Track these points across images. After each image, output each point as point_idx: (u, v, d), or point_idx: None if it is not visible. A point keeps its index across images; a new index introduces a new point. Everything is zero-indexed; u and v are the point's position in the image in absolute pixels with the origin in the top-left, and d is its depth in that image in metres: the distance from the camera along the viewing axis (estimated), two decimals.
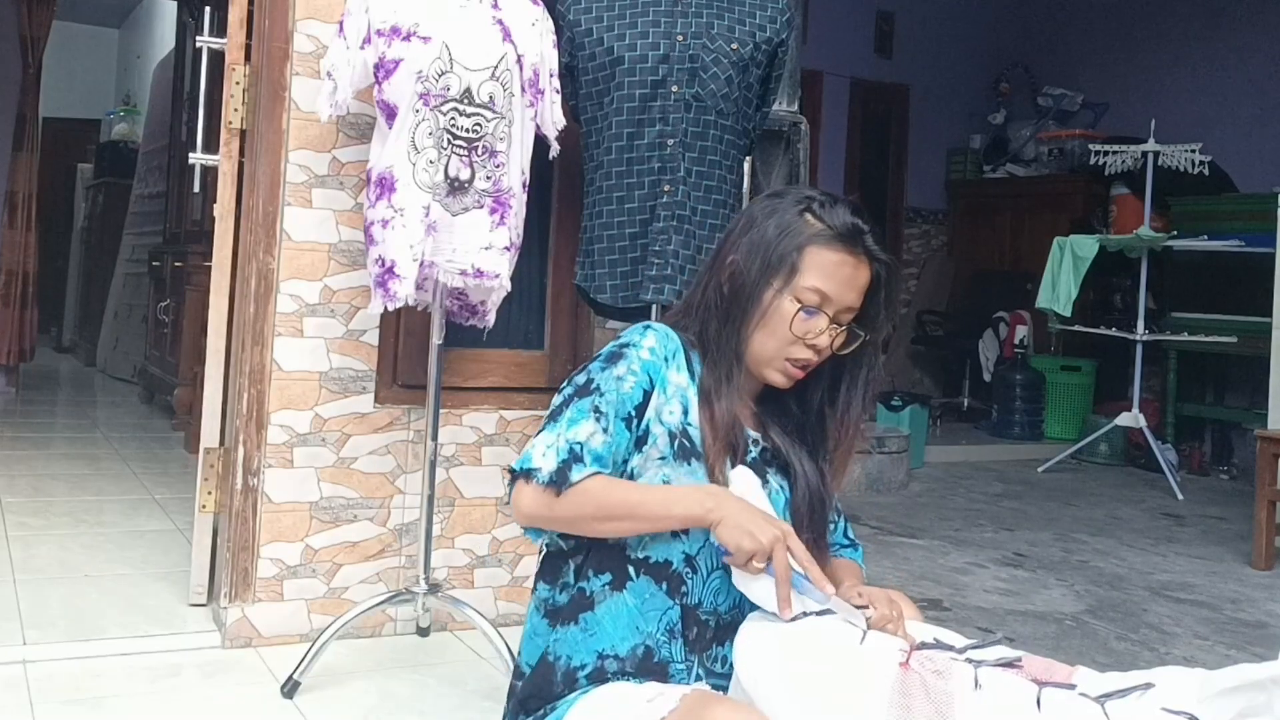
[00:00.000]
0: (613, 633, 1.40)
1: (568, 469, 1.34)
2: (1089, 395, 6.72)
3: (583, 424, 1.37)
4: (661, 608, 1.41)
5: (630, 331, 1.47)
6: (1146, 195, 5.70)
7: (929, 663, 1.22)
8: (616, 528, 1.37)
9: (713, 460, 1.42)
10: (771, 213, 1.47)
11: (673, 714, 1.27)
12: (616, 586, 1.41)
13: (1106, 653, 2.86)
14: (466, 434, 2.75)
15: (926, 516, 4.54)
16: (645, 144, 2.32)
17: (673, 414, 1.43)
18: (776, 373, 1.47)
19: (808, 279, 1.43)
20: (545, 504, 1.35)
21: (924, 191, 7.85)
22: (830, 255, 1.43)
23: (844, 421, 1.52)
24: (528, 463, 1.36)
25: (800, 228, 1.44)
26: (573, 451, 1.35)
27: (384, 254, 2.19)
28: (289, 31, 2.53)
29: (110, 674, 2.32)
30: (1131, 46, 7.26)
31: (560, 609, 1.44)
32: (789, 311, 1.43)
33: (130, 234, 7.37)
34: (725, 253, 1.50)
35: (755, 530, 1.27)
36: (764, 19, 2.38)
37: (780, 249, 1.44)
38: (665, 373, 1.44)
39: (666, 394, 1.44)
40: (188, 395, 4.85)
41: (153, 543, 3.27)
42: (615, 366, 1.41)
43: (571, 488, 1.34)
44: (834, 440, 1.53)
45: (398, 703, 2.27)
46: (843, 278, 1.43)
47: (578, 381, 1.42)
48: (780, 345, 1.45)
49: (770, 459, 1.50)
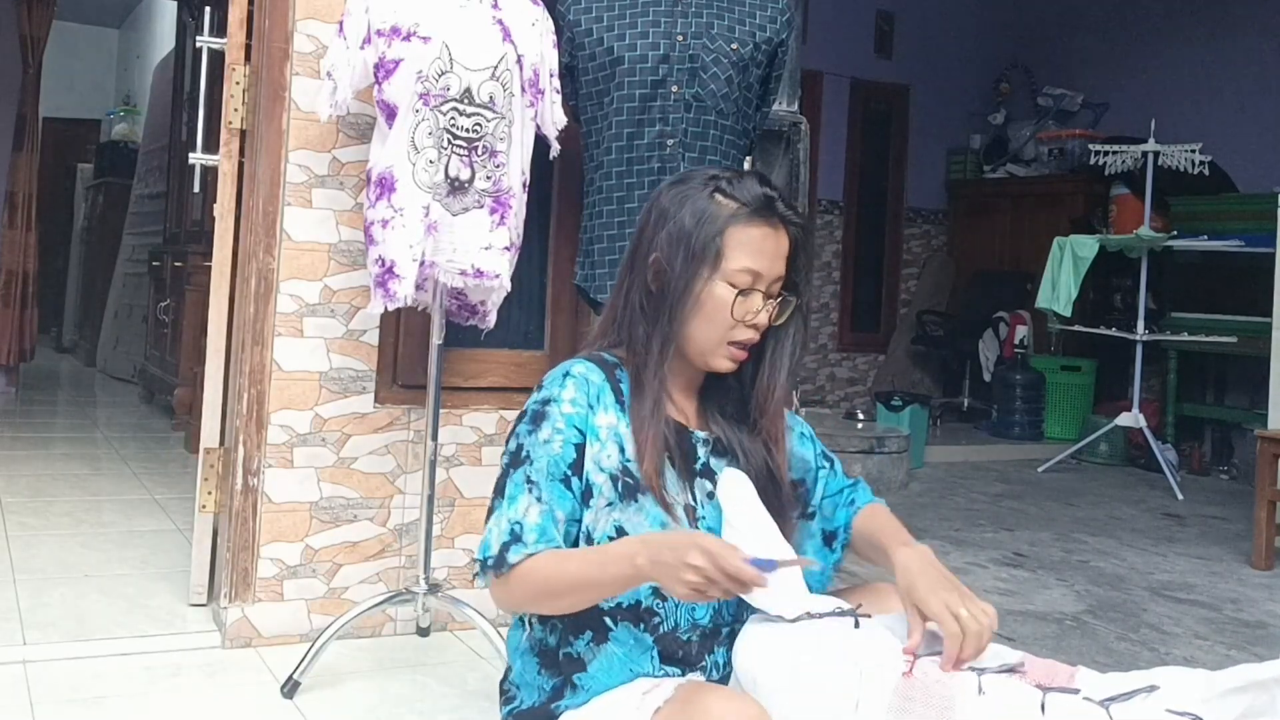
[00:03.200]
0: (607, 681, 1.39)
1: (506, 551, 1.34)
2: (1089, 395, 6.72)
3: (520, 500, 1.36)
4: (646, 645, 1.40)
5: (550, 381, 1.43)
6: (1146, 195, 5.70)
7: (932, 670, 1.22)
8: (573, 601, 1.35)
9: (653, 485, 1.39)
10: (682, 201, 1.44)
11: (668, 704, 1.27)
12: (600, 640, 1.39)
13: (1107, 653, 2.86)
14: (466, 434, 2.75)
15: (926, 516, 4.54)
16: (645, 144, 2.32)
17: (610, 457, 1.40)
18: (720, 359, 1.45)
19: (736, 260, 1.41)
20: (501, 591, 1.36)
21: (924, 191, 7.84)
22: (752, 231, 1.42)
23: (771, 384, 1.49)
24: (486, 550, 1.36)
25: (716, 211, 1.42)
26: (513, 532, 1.34)
27: (384, 254, 2.19)
28: (289, 31, 2.53)
29: (110, 674, 2.32)
30: (1131, 46, 7.26)
31: (549, 652, 1.42)
32: (726, 297, 1.41)
33: (130, 234, 7.37)
34: (643, 251, 1.46)
35: (681, 573, 1.21)
36: (764, 19, 2.37)
37: (701, 236, 1.41)
38: (593, 420, 1.41)
39: (600, 439, 1.40)
40: (188, 395, 4.85)
41: (153, 543, 3.27)
42: (540, 429, 1.39)
43: (512, 571, 1.33)
44: (761, 404, 1.49)
45: (398, 703, 2.27)
46: (769, 251, 1.42)
47: (510, 450, 1.41)
48: (721, 331, 1.42)
49: (721, 450, 1.48)
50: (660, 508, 1.40)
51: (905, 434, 5.34)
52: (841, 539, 1.54)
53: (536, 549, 1.33)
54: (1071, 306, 5.55)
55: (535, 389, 1.44)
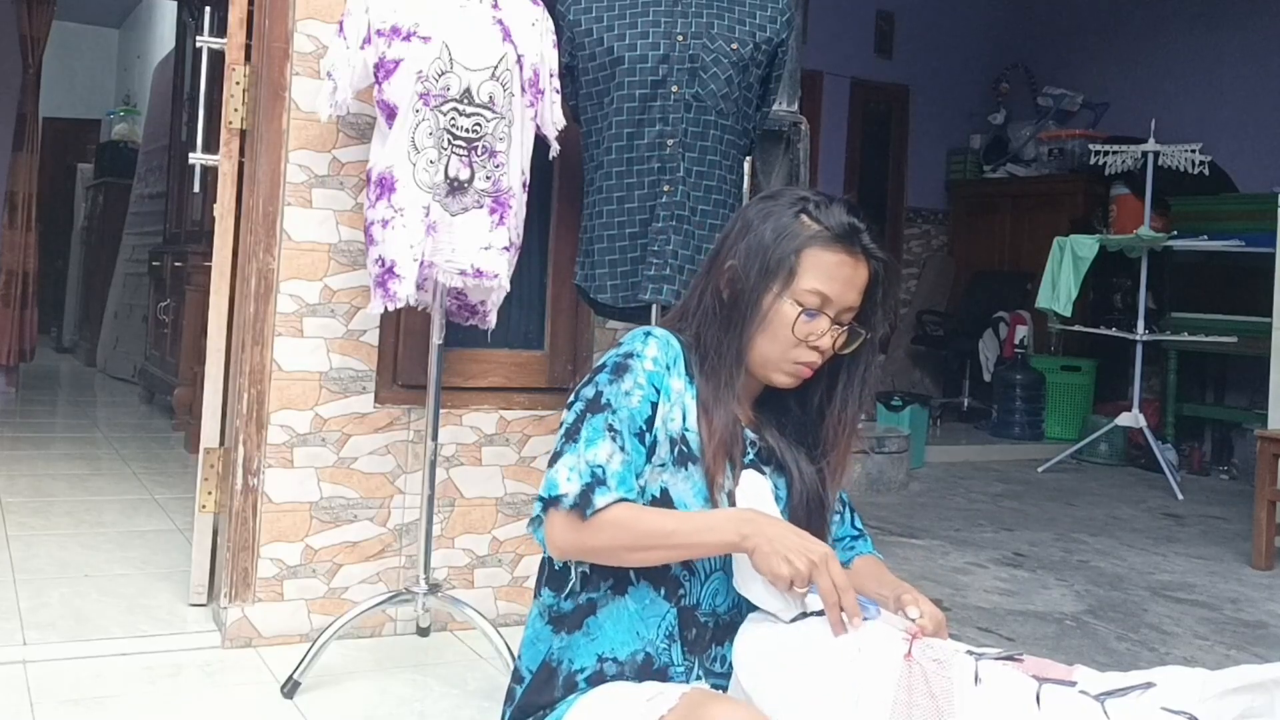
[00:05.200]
0: (613, 636, 1.40)
1: (591, 492, 1.33)
2: (1089, 395, 6.72)
3: (600, 445, 1.35)
4: (660, 612, 1.41)
5: (632, 338, 1.45)
6: (1146, 195, 5.70)
7: (930, 650, 1.22)
8: (650, 556, 1.35)
9: (710, 467, 1.41)
10: (767, 216, 1.46)
11: (671, 712, 1.27)
12: (618, 590, 1.41)
13: (1106, 653, 2.86)
14: (466, 434, 2.75)
15: (926, 516, 4.54)
16: (645, 144, 2.32)
17: (674, 421, 1.42)
18: (781, 375, 1.46)
19: (807, 281, 1.42)
20: (575, 534, 1.34)
21: (924, 191, 7.85)
22: (829, 256, 1.42)
23: (841, 419, 1.51)
24: (554, 489, 1.35)
25: (797, 230, 1.43)
26: (595, 475, 1.34)
27: (384, 254, 2.19)
28: (289, 31, 2.53)
29: (110, 674, 2.32)
30: (1131, 46, 7.26)
31: (564, 615, 1.43)
32: (790, 315, 1.42)
33: (130, 234, 7.37)
34: (722, 258, 1.49)
35: (792, 556, 1.26)
36: (764, 19, 2.37)
37: (778, 252, 1.43)
38: (668, 381, 1.43)
39: (671, 401, 1.43)
40: (188, 395, 4.85)
41: (153, 543, 3.27)
42: (622, 380, 1.40)
43: (598, 515, 1.32)
44: (831, 438, 1.52)
45: (398, 703, 2.27)
46: (842, 278, 1.43)
47: (586, 395, 1.40)
48: (783, 349, 1.44)
49: (766, 459, 1.49)
50: (708, 486, 1.42)
51: (905, 434, 5.34)
52: None
53: (621, 494, 1.33)
54: (1071, 306, 5.55)
55: (615, 345, 1.46)
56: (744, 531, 1.29)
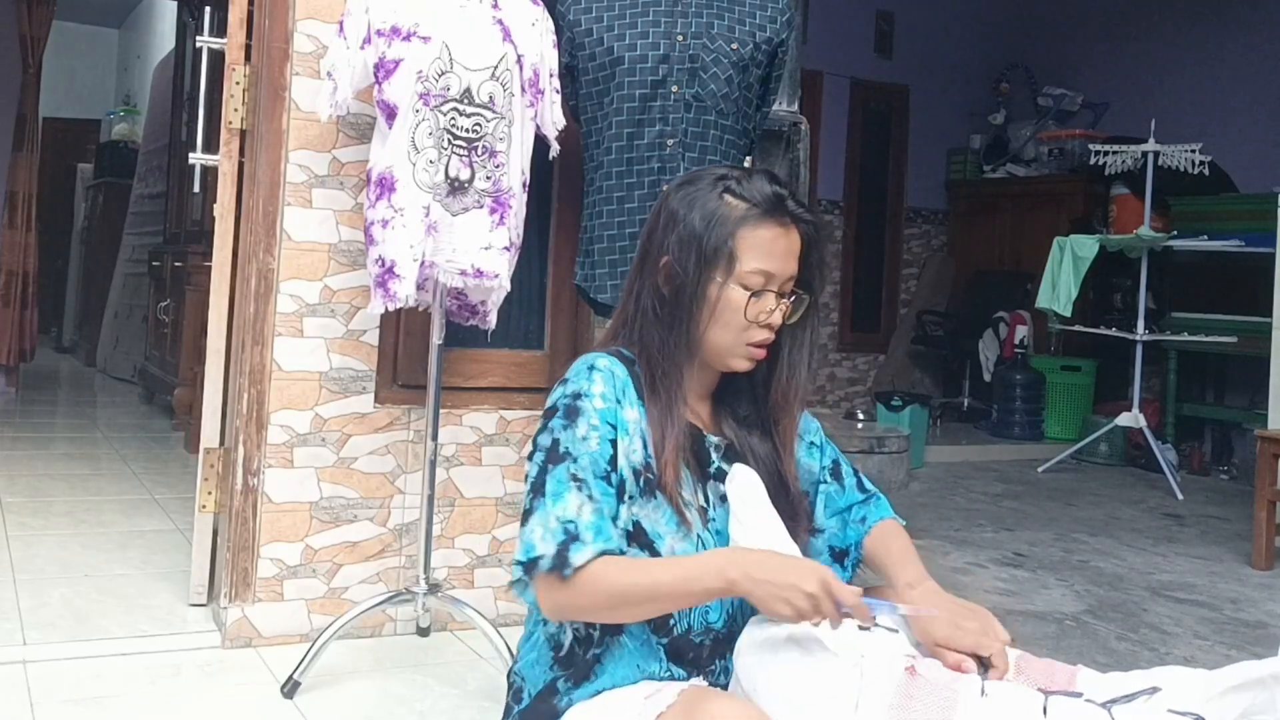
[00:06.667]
0: (615, 673, 1.39)
1: (566, 550, 1.29)
2: (1089, 395, 6.71)
3: (568, 498, 1.31)
4: (655, 645, 1.40)
5: (576, 374, 1.41)
6: (1146, 195, 5.70)
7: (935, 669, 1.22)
8: (641, 612, 1.33)
9: (664, 478, 1.38)
10: (692, 203, 1.43)
11: (670, 709, 1.27)
12: (614, 631, 1.39)
13: (1106, 653, 2.86)
14: (466, 434, 2.75)
15: (926, 516, 4.53)
16: (645, 144, 2.32)
17: (635, 452, 1.39)
18: (739, 359, 1.44)
19: (749, 263, 1.40)
20: (561, 595, 1.30)
21: (924, 191, 7.84)
22: (763, 232, 1.41)
23: (792, 384, 1.49)
24: (531, 551, 1.32)
25: (726, 213, 1.41)
26: (568, 531, 1.30)
27: (384, 254, 2.19)
28: (289, 31, 2.53)
29: (110, 674, 2.32)
30: (1131, 46, 7.26)
31: (569, 651, 1.41)
32: (740, 300, 1.40)
33: (130, 234, 7.37)
34: (654, 254, 1.45)
35: (789, 595, 1.22)
36: (764, 19, 2.37)
37: (713, 240, 1.40)
38: (621, 414, 1.39)
39: (629, 434, 1.39)
40: (188, 395, 4.85)
41: (153, 543, 3.27)
42: (576, 425, 1.35)
43: (578, 573, 1.28)
44: (782, 404, 1.49)
45: (398, 703, 2.27)
46: (780, 251, 1.41)
47: (544, 445, 1.37)
48: (737, 334, 1.42)
49: (734, 456, 1.47)
50: (674, 509, 1.39)
51: (905, 434, 5.33)
52: (853, 557, 1.54)
53: (598, 547, 1.30)
54: (1071, 306, 5.55)
55: (559, 383, 1.42)
56: (730, 576, 1.26)
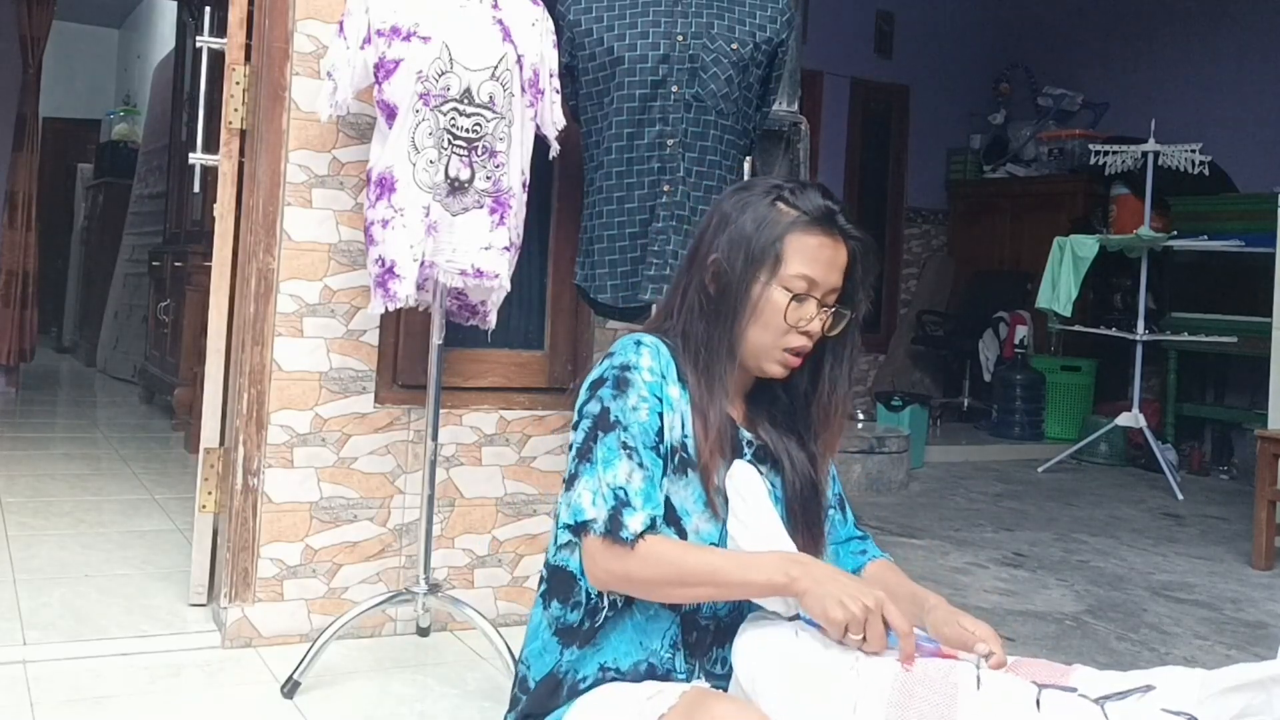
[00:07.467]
0: (617, 646, 1.40)
1: (619, 514, 1.32)
2: (1089, 395, 6.72)
3: (618, 465, 1.35)
4: (664, 623, 1.41)
5: (623, 349, 1.44)
6: (1146, 195, 5.70)
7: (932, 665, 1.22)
8: (694, 594, 1.35)
9: (707, 466, 1.41)
10: (744, 206, 1.47)
11: (672, 711, 1.27)
12: (625, 601, 1.41)
13: (1106, 653, 2.86)
14: (466, 434, 2.75)
15: (926, 516, 4.54)
16: (645, 144, 2.32)
17: (674, 429, 1.42)
18: (774, 364, 1.46)
19: (794, 267, 1.42)
20: (619, 562, 1.32)
21: (924, 191, 7.84)
22: (810, 240, 1.43)
23: (832, 400, 1.52)
24: (580, 514, 1.34)
25: (776, 217, 1.44)
26: (618, 497, 1.33)
27: (384, 254, 2.19)
28: (289, 31, 2.53)
29: (110, 674, 2.32)
30: (1131, 46, 7.26)
31: (573, 629, 1.43)
32: (781, 301, 1.43)
33: (130, 234, 7.37)
34: (704, 252, 1.48)
35: (846, 600, 1.24)
36: (764, 19, 2.37)
37: (761, 241, 1.43)
38: (666, 390, 1.42)
39: (672, 410, 1.42)
40: (188, 395, 4.85)
41: (153, 543, 3.27)
42: (627, 395, 1.39)
43: (639, 543, 1.31)
44: (822, 419, 1.52)
45: (398, 703, 2.27)
46: (825, 260, 1.44)
47: (592, 412, 1.39)
48: (775, 336, 1.44)
49: (764, 456, 1.49)
50: (705, 491, 1.41)
51: (905, 434, 5.34)
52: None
53: (649, 513, 1.33)
54: (1071, 306, 5.55)
55: (604, 357, 1.45)
56: (792, 573, 1.28)
